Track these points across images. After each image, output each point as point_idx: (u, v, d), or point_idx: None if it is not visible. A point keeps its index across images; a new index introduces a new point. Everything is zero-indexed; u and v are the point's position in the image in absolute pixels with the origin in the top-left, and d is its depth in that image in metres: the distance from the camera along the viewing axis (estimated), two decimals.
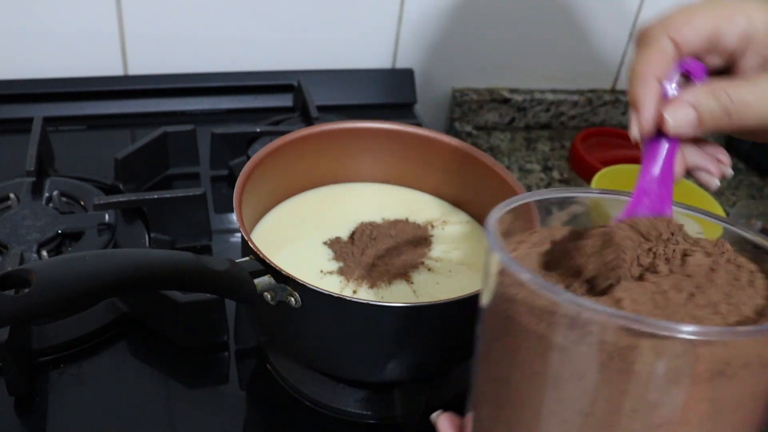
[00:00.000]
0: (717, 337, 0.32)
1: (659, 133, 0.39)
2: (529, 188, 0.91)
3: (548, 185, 0.93)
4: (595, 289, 0.39)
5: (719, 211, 0.77)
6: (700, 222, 0.68)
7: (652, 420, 0.33)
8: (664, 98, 0.39)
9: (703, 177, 0.43)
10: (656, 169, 0.40)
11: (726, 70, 0.40)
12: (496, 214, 0.40)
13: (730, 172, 0.43)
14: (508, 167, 0.93)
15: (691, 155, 0.42)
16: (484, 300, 0.38)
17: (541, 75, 1.06)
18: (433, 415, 0.42)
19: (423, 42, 0.99)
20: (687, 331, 0.31)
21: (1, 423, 0.55)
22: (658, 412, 0.32)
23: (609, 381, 0.33)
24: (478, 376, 0.40)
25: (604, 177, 0.80)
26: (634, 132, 0.39)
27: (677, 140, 0.40)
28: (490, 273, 0.37)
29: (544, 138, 1.04)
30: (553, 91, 1.06)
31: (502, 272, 0.36)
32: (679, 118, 0.38)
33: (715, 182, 0.43)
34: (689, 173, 0.43)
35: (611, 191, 0.44)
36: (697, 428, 0.33)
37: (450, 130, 1.05)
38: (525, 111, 1.05)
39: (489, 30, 1.00)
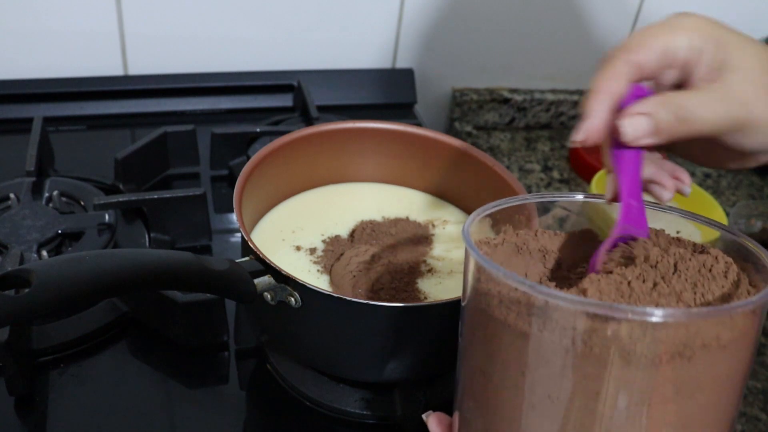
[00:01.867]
0: (670, 319, 0.33)
1: (622, 147, 0.41)
2: (529, 188, 0.91)
3: (548, 185, 0.93)
4: (569, 281, 0.41)
5: (719, 211, 0.77)
6: (698, 227, 0.68)
7: (617, 403, 0.34)
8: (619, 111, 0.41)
9: (656, 190, 0.45)
10: (631, 182, 0.42)
11: (683, 84, 0.43)
12: (472, 218, 0.42)
13: (688, 190, 0.45)
14: (508, 167, 0.93)
15: (646, 168, 0.44)
16: (464, 299, 0.40)
17: (541, 75, 1.06)
18: (424, 415, 0.45)
19: (423, 42, 0.99)
20: (640, 312, 0.32)
21: (1, 423, 0.55)
22: (621, 394, 0.34)
23: (573, 366, 0.34)
24: (461, 371, 0.42)
25: (604, 177, 0.80)
26: (577, 136, 0.41)
27: (640, 152, 0.42)
28: (468, 272, 0.39)
29: (544, 138, 1.04)
30: (553, 91, 1.06)
31: (477, 270, 0.38)
32: (635, 126, 0.40)
33: (666, 195, 0.45)
34: (644, 186, 0.44)
35: (591, 195, 0.46)
36: (661, 410, 0.34)
37: (450, 130, 1.05)
38: (525, 111, 1.05)
39: (489, 30, 1.00)
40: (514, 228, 0.44)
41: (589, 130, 0.41)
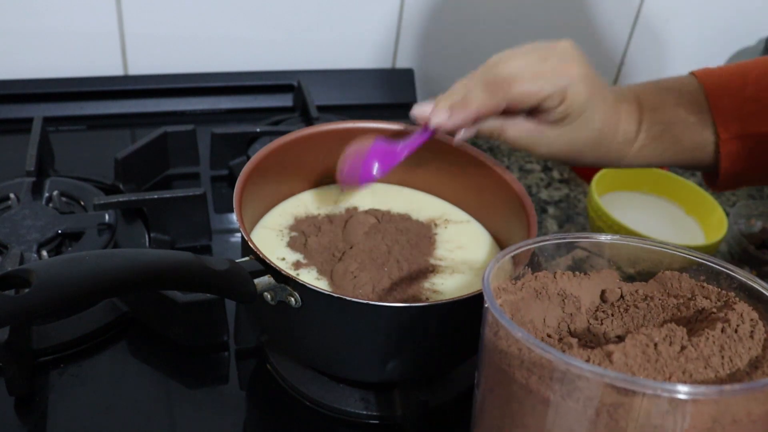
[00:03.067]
0: (704, 396, 0.31)
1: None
2: (529, 188, 0.91)
3: (548, 185, 0.93)
4: (590, 332, 0.39)
5: (719, 211, 0.77)
6: (701, 227, 0.67)
7: None
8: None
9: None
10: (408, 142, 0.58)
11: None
12: (493, 265, 0.41)
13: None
14: (508, 167, 0.93)
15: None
16: (481, 349, 0.39)
17: None
18: None
19: (423, 42, 0.99)
20: (672, 390, 0.31)
21: (1, 423, 0.55)
22: None
23: None
24: (478, 423, 0.40)
25: (603, 177, 0.80)
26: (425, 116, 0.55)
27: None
28: (486, 323, 0.38)
29: None
30: None
31: (496, 324, 0.37)
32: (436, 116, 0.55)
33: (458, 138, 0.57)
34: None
35: (617, 236, 0.46)
36: None
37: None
38: None
39: (489, 30, 0.99)
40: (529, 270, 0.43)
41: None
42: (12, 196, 0.71)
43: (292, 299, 0.51)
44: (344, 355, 0.55)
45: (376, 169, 0.57)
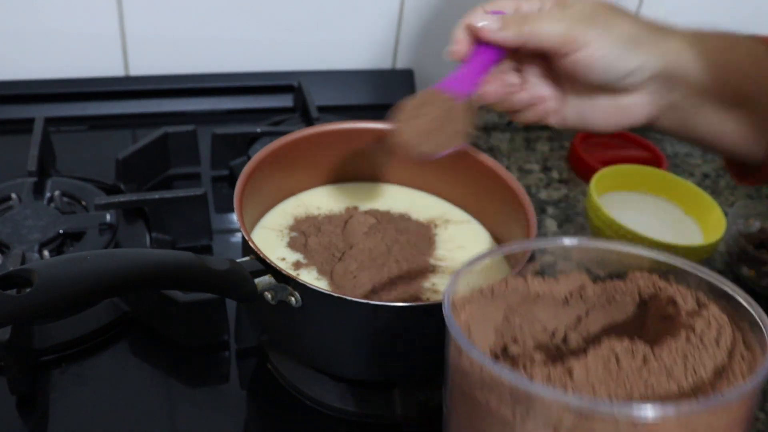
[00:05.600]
0: (659, 416, 0.31)
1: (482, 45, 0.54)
2: (528, 188, 0.91)
3: (547, 185, 0.93)
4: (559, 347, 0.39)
5: (718, 211, 0.77)
6: (700, 226, 0.67)
7: None
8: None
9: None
10: (475, 69, 0.55)
11: None
12: (454, 280, 0.40)
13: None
14: (507, 167, 0.93)
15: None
16: (445, 374, 0.39)
17: None
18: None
19: (423, 42, 0.99)
20: (627, 410, 0.30)
21: (2, 422, 0.55)
22: None
23: None
24: None
25: (603, 177, 0.81)
26: (451, 50, 0.56)
27: (494, 54, 0.54)
28: (448, 346, 0.38)
29: (543, 138, 1.04)
30: None
31: (456, 346, 0.37)
32: (488, 21, 0.54)
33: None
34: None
35: (584, 239, 0.45)
36: None
37: None
38: None
39: None
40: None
41: (457, 45, 0.55)
42: (14, 196, 0.72)
43: (293, 299, 0.51)
44: (344, 355, 0.55)
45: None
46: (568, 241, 0.44)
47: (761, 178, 0.59)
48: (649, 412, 0.31)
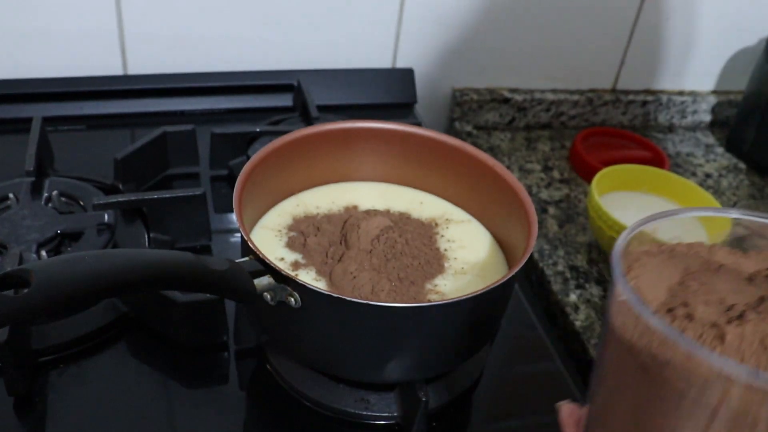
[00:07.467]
0: None
1: None
2: (529, 188, 0.91)
3: (548, 185, 0.93)
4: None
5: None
6: (704, 227, 0.65)
7: None
8: None
9: None
10: None
11: None
12: (622, 241, 0.38)
13: None
14: (508, 167, 0.93)
15: None
16: (605, 332, 0.37)
17: (541, 75, 1.06)
18: (557, 404, 0.43)
19: (423, 42, 0.99)
20: None
21: (1, 423, 0.55)
22: None
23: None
24: (596, 398, 0.38)
25: (604, 177, 0.80)
26: None
27: None
28: (611, 305, 0.36)
29: (544, 138, 1.04)
30: (553, 91, 1.06)
31: (627, 312, 0.34)
32: None
33: None
34: None
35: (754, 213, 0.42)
36: None
37: (450, 130, 1.05)
38: (525, 111, 1.05)
39: (489, 30, 0.99)
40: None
41: None
42: (11, 196, 0.71)
43: (292, 299, 0.51)
44: (344, 355, 0.55)
45: None
46: None
47: None
48: None
